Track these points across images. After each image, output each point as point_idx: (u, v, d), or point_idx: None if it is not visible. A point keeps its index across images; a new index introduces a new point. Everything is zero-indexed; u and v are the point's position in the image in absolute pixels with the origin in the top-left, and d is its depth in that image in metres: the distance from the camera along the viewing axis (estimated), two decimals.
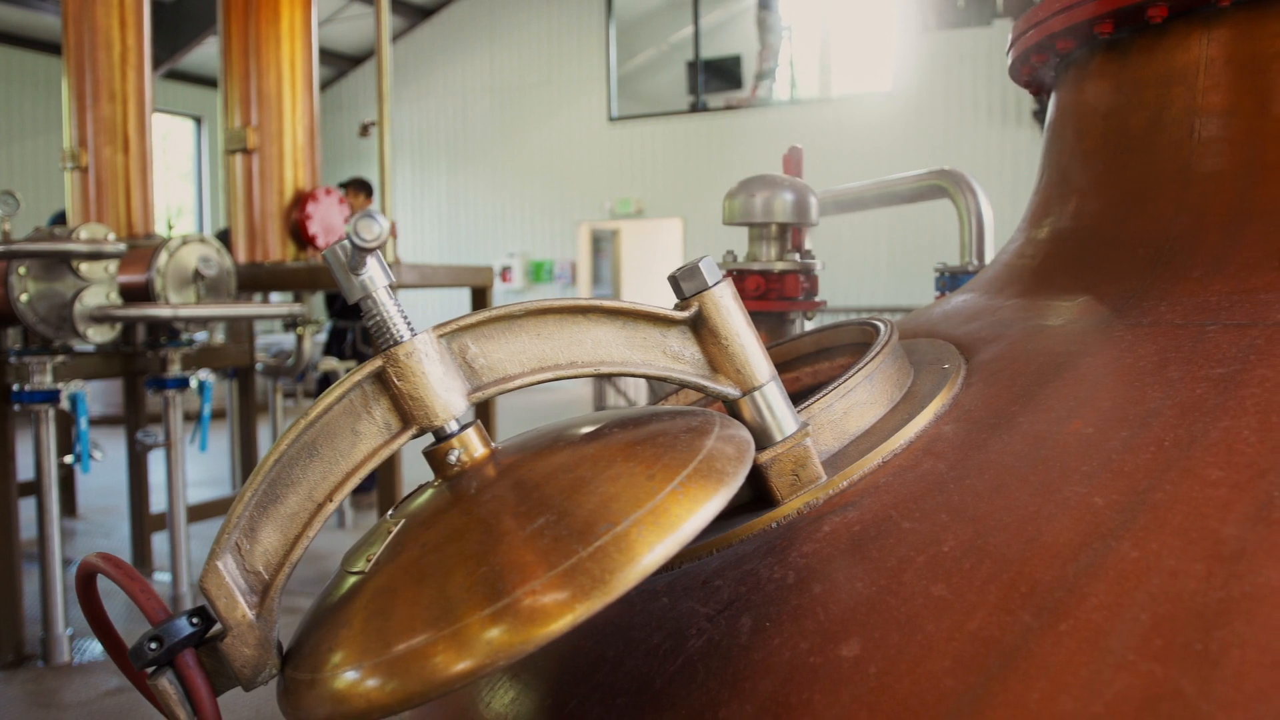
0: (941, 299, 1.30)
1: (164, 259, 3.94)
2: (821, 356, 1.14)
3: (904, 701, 0.54)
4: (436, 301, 14.31)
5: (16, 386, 3.63)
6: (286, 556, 0.69)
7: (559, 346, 0.72)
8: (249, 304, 4.42)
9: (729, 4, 14.38)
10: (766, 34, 13.79)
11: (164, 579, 4.79)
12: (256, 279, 4.71)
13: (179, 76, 14.46)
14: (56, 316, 3.63)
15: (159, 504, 4.97)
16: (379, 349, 0.69)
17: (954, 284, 1.70)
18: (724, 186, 1.63)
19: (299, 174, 4.75)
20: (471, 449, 0.69)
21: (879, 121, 12.61)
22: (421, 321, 0.68)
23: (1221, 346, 0.75)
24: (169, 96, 14.57)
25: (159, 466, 4.55)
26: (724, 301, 0.73)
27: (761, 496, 0.77)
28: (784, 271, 1.44)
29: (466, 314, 0.71)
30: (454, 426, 0.69)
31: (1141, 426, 0.69)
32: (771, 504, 0.76)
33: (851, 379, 0.82)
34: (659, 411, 0.73)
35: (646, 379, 0.75)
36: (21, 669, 3.67)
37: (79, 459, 3.87)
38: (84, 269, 3.66)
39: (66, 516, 6.08)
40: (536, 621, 0.54)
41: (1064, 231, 1.07)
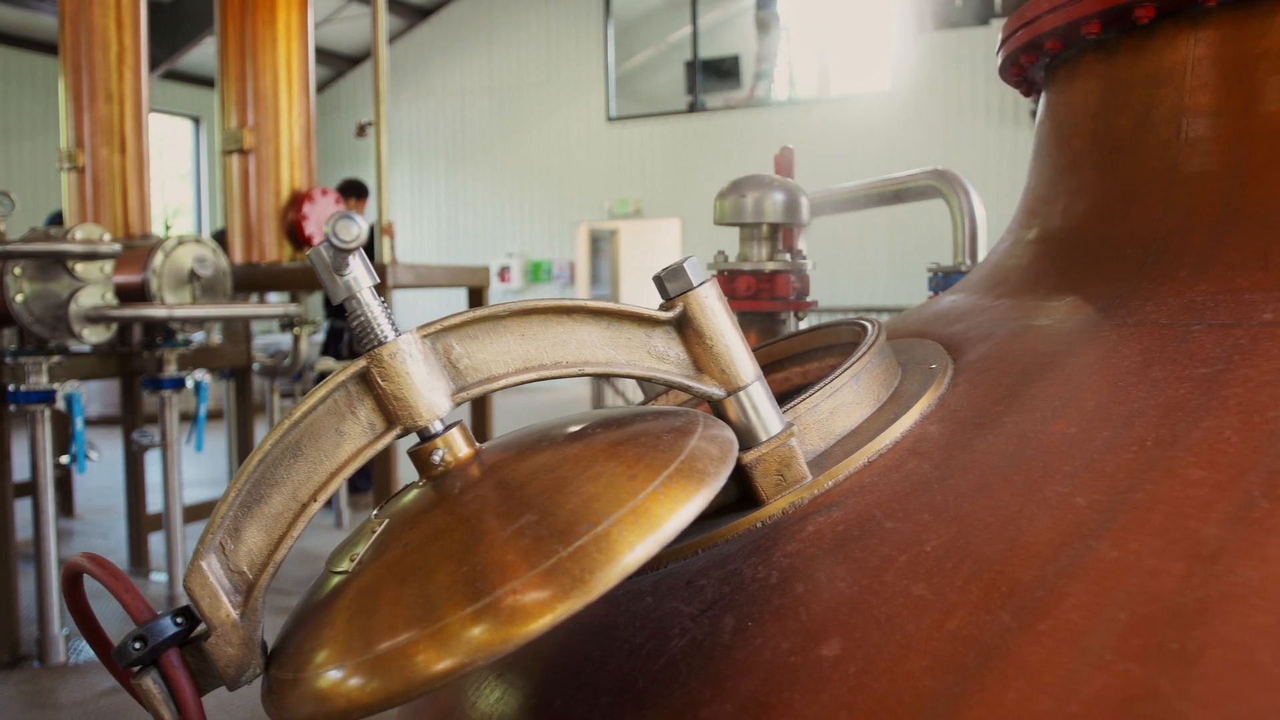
0: (933, 299, 1.30)
1: (160, 259, 3.94)
2: (811, 356, 1.14)
3: (882, 701, 0.54)
4: (435, 302, 14.31)
5: (12, 387, 3.63)
6: (271, 556, 0.69)
7: (544, 347, 0.72)
8: (244, 304, 4.42)
9: (727, 4, 14.39)
10: (765, 34, 13.80)
11: (161, 579, 4.79)
12: (253, 279, 4.71)
13: (177, 77, 14.46)
14: (52, 317, 3.63)
15: (156, 504, 4.97)
16: (364, 349, 0.69)
17: (946, 284, 1.70)
18: (722, 187, 1.63)
19: (295, 174, 4.75)
20: (455, 449, 0.69)
21: (877, 121, 12.61)
22: (420, 322, 0.68)
23: (1206, 346, 0.75)
24: (167, 97, 14.57)
25: (156, 467, 4.55)
26: (708, 302, 0.73)
27: (747, 496, 0.77)
28: (775, 271, 1.44)
29: (451, 314, 0.71)
30: (438, 427, 0.69)
31: (1124, 426, 0.69)
32: (757, 504, 0.76)
33: (838, 379, 0.83)
34: (643, 412, 0.73)
35: (631, 380, 0.75)
36: (17, 669, 3.67)
37: (75, 459, 3.87)
38: (79, 269, 3.66)
39: (64, 517, 6.08)
40: (517, 621, 0.54)
41: (1053, 232, 1.07)
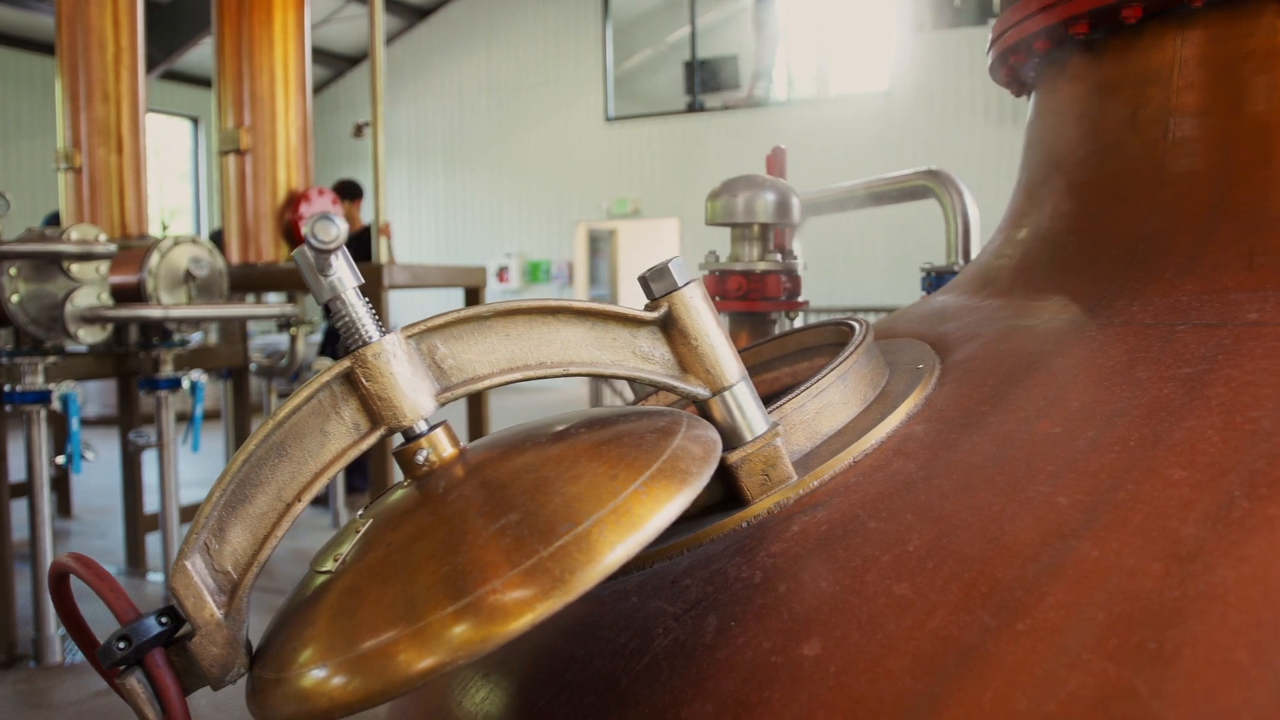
0: (925, 299, 1.30)
1: (155, 260, 3.94)
2: (801, 356, 1.14)
3: (861, 701, 0.54)
4: (434, 303, 14.30)
5: (8, 387, 3.63)
6: (255, 556, 0.69)
7: (528, 347, 0.72)
8: (240, 305, 4.42)
9: (726, 4, 14.38)
10: (763, 34, 13.79)
11: (158, 579, 4.78)
12: (250, 280, 4.71)
13: (176, 77, 14.45)
14: (48, 317, 3.63)
15: (153, 504, 4.97)
16: (348, 349, 0.69)
17: (939, 284, 1.70)
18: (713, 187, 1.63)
19: (292, 174, 4.75)
20: (440, 449, 0.70)
21: (876, 121, 12.61)
22: None
23: (1190, 346, 0.75)
24: (166, 97, 14.56)
25: (153, 467, 4.55)
26: (693, 302, 0.73)
27: (733, 496, 0.77)
28: (766, 272, 1.45)
29: (436, 315, 0.72)
30: (422, 427, 0.69)
31: (1108, 426, 0.69)
32: (742, 504, 0.76)
33: (824, 379, 0.83)
34: (628, 412, 0.73)
35: (616, 380, 0.75)
36: (13, 669, 3.67)
37: (70, 460, 3.87)
38: (75, 270, 3.66)
39: (61, 517, 6.08)
40: (497, 620, 0.54)
41: (1041, 232, 1.07)
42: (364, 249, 5.73)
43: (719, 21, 14.50)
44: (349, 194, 6.78)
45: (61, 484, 6.11)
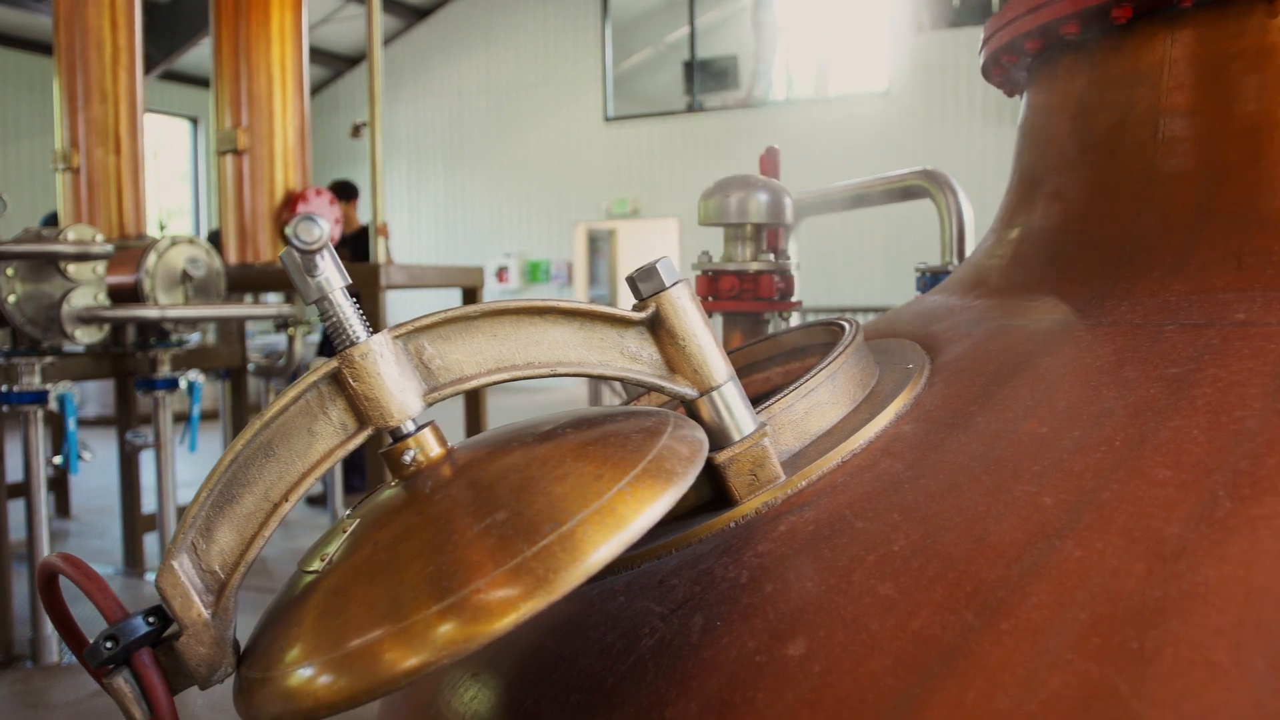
0: (918, 299, 1.30)
1: (152, 260, 3.94)
2: (793, 356, 1.14)
3: (844, 700, 0.54)
4: (432, 303, 14.30)
5: (5, 387, 3.63)
6: (242, 556, 0.69)
7: (516, 347, 0.72)
8: (237, 305, 4.42)
9: (725, 4, 14.38)
10: (762, 34, 13.79)
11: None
12: (247, 280, 4.71)
13: (175, 77, 14.45)
14: (44, 317, 3.63)
15: (151, 505, 4.97)
16: (336, 350, 0.69)
17: (934, 284, 1.70)
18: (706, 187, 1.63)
19: (289, 175, 4.75)
20: (427, 449, 0.70)
21: (875, 121, 12.61)
22: None
23: (1178, 346, 0.76)
24: (165, 97, 14.56)
25: (151, 467, 4.55)
26: (681, 302, 0.73)
27: (722, 496, 0.77)
28: (759, 272, 1.45)
29: (423, 315, 0.72)
30: (410, 427, 0.69)
31: (1094, 426, 0.69)
32: (730, 504, 0.76)
33: (813, 379, 0.83)
34: (615, 412, 0.73)
35: (604, 379, 0.75)
36: (10, 669, 3.67)
37: (67, 460, 3.86)
38: (72, 270, 3.66)
39: (60, 517, 6.08)
40: (481, 619, 0.54)
41: (1033, 232, 1.07)
42: (361, 249, 5.73)
43: (718, 21, 14.50)
44: (344, 194, 6.77)
45: (60, 484, 6.11)
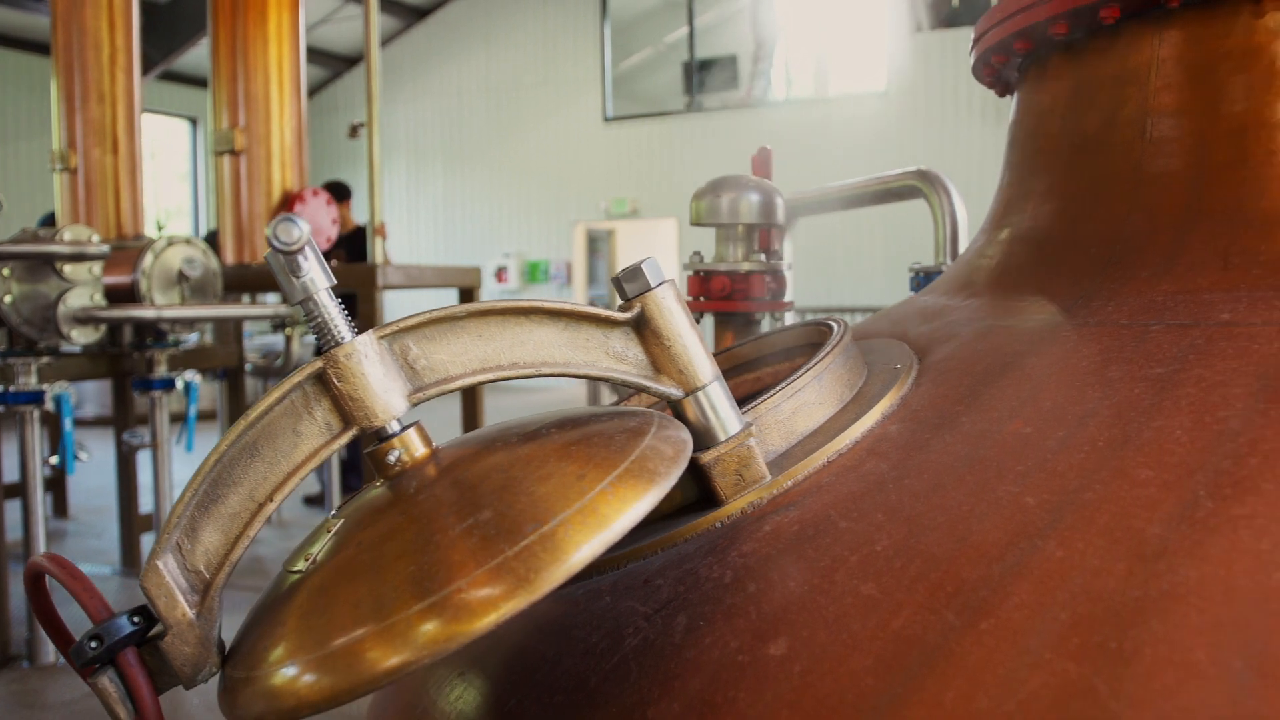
0: (909, 299, 1.31)
1: (149, 260, 3.94)
2: (783, 356, 1.15)
3: (824, 700, 0.54)
4: (430, 304, 14.28)
5: (1, 388, 3.63)
6: (227, 556, 0.69)
7: (501, 348, 0.72)
8: (234, 305, 4.43)
9: (724, 4, 14.39)
10: (761, 34, 13.80)
11: None
12: (244, 280, 4.71)
13: (174, 77, 14.45)
14: (40, 318, 3.63)
15: (149, 505, 4.97)
16: (321, 350, 0.69)
17: (927, 284, 1.70)
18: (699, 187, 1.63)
19: (286, 175, 4.75)
20: (412, 449, 0.70)
21: (874, 121, 12.62)
22: None
23: (1163, 347, 0.76)
24: (164, 97, 14.56)
25: (149, 467, 4.54)
26: (666, 303, 0.73)
27: (708, 496, 0.77)
28: (750, 272, 1.45)
29: (409, 315, 0.72)
30: (395, 427, 0.69)
31: (1078, 426, 0.69)
32: (716, 504, 0.76)
33: (800, 379, 0.83)
34: (600, 412, 0.73)
35: (589, 380, 0.75)
36: (7, 669, 3.67)
37: (64, 460, 3.87)
38: (68, 270, 3.66)
39: (58, 517, 6.08)
40: (463, 618, 0.54)
41: (1022, 232, 1.07)
42: (355, 249, 5.73)
43: (717, 21, 14.51)
44: (337, 195, 6.77)
45: (58, 484, 6.11)
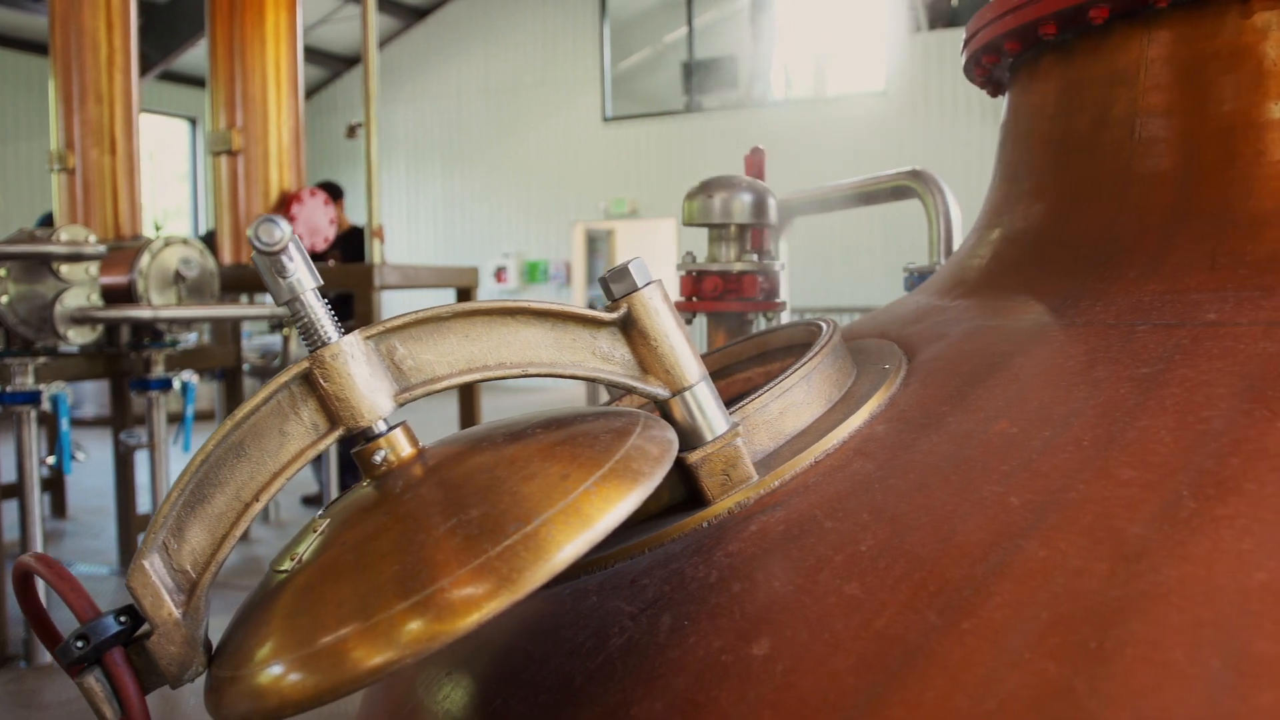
0: (901, 299, 1.31)
1: (146, 260, 3.95)
2: (775, 356, 1.15)
3: (806, 700, 0.54)
4: (428, 304, 14.26)
5: None
6: (213, 555, 0.69)
7: (488, 348, 0.73)
8: (231, 305, 4.43)
9: (723, 4, 14.39)
10: (760, 34, 13.80)
11: None
12: (242, 280, 4.71)
13: (173, 78, 14.44)
14: (37, 318, 3.63)
15: (146, 505, 4.97)
16: (309, 350, 0.69)
17: (920, 283, 1.71)
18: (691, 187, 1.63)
19: (284, 175, 4.75)
20: (398, 449, 0.70)
21: (873, 121, 12.61)
22: None
23: (1149, 347, 0.76)
24: (164, 98, 14.55)
25: (146, 467, 4.55)
26: (653, 303, 0.73)
27: (695, 497, 0.78)
28: (742, 272, 1.45)
29: (395, 316, 0.72)
30: (381, 427, 0.69)
31: (1063, 426, 0.70)
32: (703, 504, 0.76)
33: (788, 379, 0.83)
34: (586, 412, 0.73)
35: (576, 380, 0.76)
36: (4, 669, 3.67)
37: (61, 460, 3.87)
38: (65, 270, 3.66)
39: (56, 517, 6.07)
40: (446, 617, 0.55)
41: (1013, 232, 1.07)
42: (351, 249, 5.73)
43: (716, 22, 14.51)
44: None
45: (57, 484, 6.11)
